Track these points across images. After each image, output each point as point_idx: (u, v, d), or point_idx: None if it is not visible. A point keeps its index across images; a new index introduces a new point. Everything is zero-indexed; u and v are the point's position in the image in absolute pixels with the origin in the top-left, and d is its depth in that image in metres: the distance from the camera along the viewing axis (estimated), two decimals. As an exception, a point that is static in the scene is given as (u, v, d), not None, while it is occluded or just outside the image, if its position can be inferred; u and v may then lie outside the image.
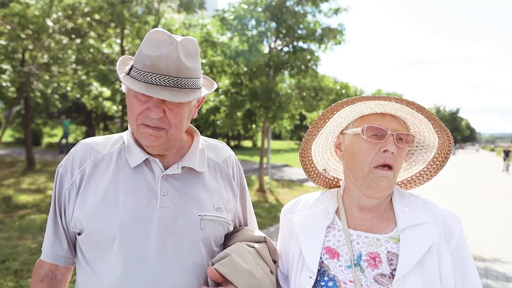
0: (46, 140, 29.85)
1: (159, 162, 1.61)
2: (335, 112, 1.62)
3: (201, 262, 1.58)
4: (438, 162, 1.70)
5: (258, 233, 1.72)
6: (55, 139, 30.65)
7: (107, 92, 15.64)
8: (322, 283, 1.50)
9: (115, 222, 1.52)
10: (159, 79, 1.47)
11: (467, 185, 20.28)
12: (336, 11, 14.23)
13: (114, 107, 16.17)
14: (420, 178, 1.76)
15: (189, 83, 1.52)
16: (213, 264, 1.53)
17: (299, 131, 52.84)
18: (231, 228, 1.73)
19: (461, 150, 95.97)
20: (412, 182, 1.78)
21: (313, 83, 14.76)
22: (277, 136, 53.66)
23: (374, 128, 1.54)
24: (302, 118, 17.01)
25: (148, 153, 1.62)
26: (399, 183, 1.78)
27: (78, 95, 17.48)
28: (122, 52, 14.85)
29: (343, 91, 14.76)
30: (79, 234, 1.61)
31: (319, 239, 1.57)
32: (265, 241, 1.67)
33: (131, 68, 1.54)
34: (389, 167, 1.53)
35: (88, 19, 14.35)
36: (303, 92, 14.57)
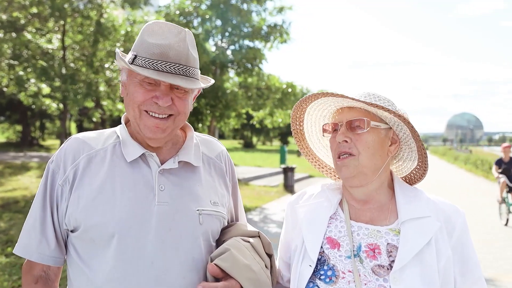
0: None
1: (155, 156, 1.58)
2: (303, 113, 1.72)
3: (200, 257, 1.56)
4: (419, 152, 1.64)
5: (251, 228, 1.72)
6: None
7: (46, 89, 14.98)
8: (322, 272, 1.52)
9: (113, 218, 1.48)
10: (169, 67, 1.46)
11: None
12: (281, 10, 14.40)
13: (54, 105, 15.53)
14: (417, 170, 1.71)
15: (195, 72, 1.54)
16: (212, 260, 1.52)
17: (243, 130, 53.07)
18: (226, 223, 1.72)
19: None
20: (413, 178, 1.73)
21: (260, 82, 14.86)
22: (220, 136, 53.54)
23: (328, 125, 1.65)
24: (249, 117, 17.08)
25: (145, 148, 1.59)
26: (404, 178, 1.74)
27: (14, 92, 16.62)
28: (63, 47, 14.30)
29: (289, 90, 14.96)
30: (72, 231, 1.54)
31: (321, 229, 1.59)
32: (259, 236, 1.67)
33: (135, 57, 1.50)
34: (349, 154, 1.55)
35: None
36: (250, 91, 14.63)
